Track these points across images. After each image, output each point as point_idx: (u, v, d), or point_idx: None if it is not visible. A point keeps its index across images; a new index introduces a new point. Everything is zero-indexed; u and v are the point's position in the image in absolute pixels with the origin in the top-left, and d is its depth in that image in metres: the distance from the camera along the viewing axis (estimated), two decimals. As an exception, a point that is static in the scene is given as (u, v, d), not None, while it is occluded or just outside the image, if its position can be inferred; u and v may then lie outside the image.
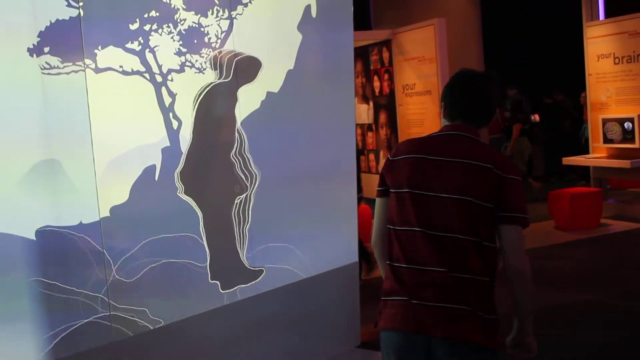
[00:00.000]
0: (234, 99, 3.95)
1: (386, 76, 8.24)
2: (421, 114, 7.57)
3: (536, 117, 13.18)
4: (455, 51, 8.14)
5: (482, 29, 8.78)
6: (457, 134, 2.42)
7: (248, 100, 4.08)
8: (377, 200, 2.47)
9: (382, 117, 8.42)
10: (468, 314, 2.27)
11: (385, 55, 8.23)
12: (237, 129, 4.03)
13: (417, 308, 2.29)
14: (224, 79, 3.90)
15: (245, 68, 3.97)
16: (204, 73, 3.86)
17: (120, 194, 3.53)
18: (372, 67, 8.52)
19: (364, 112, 8.82)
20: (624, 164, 8.45)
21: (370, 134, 8.80)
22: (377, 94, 8.49)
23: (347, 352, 4.21)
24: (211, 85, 3.84)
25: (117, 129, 3.51)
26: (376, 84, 8.48)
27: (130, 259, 3.55)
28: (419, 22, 7.73)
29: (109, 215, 3.46)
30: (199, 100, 3.80)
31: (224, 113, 3.95)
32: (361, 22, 9.55)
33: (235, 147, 4.01)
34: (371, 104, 8.63)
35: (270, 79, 4.22)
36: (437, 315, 2.27)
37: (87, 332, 3.40)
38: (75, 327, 3.35)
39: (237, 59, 3.91)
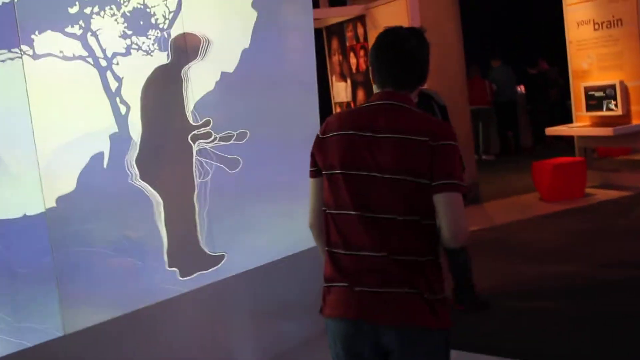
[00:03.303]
0: (179, 80, 3.83)
1: (362, 52, 8.10)
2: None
3: (521, 89, 13.07)
4: (430, 25, 7.99)
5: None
6: (389, 104, 2.25)
7: (201, 81, 3.97)
8: (311, 181, 2.35)
9: (360, 95, 8.28)
10: (413, 296, 2.17)
11: (360, 31, 8.08)
12: (192, 112, 3.92)
13: (360, 295, 2.19)
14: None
15: (184, 47, 3.84)
16: (152, 55, 3.75)
17: (67, 184, 3.43)
18: (347, 44, 8.37)
19: (342, 90, 8.67)
20: (607, 131, 8.33)
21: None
22: (354, 71, 8.35)
23: (316, 336, 4.12)
24: (154, 68, 3.72)
25: (60, 117, 3.41)
26: (352, 60, 8.34)
27: (82, 248, 3.46)
28: (393, -5, 7.58)
29: (55, 205, 3.36)
30: (144, 84, 3.68)
31: (171, 95, 3.83)
32: (334, -2, 9.41)
33: (190, 130, 3.91)
34: (349, 81, 8.50)
35: (224, 59, 4.10)
36: (381, 301, 2.17)
37: (38, 330, 3.31)
38: (21, 325, 3.26)
39: (173, 38, 3.78)
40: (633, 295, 4.96)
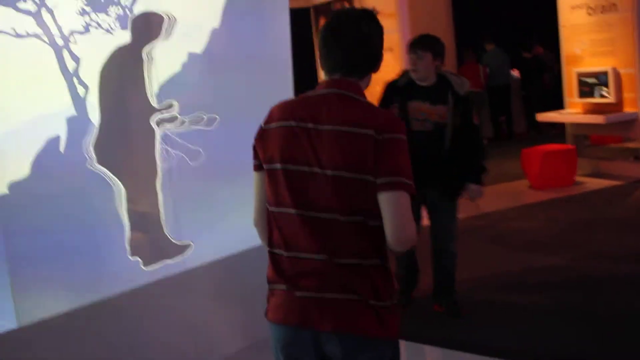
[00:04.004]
0: (140, 61, 3.64)
1: (349, 34, 7.92)
2: (383, 72, 7.22)
3: (516, 73, 12.87)
4: (420, 6, 7.82)
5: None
6: (334, 93, 2.06)
7: (166, 62, 3.79)
8: (254, 174, 2.17)
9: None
10: (356, 303, 2.00)
11: (348, 11, 7.90)
12: (156, 94, 3.74)
13: (300, 300, 2.02)
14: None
15: (145, 26, 3.65)
16: (113, 34, 3.56)
17: (20, 169, 3.25)
18: (335, 25, 8.19)
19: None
20: (599, 119, 8.16)
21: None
22: (341, 52, 8.18)
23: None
24: (114, 48, 3.53)
25: (12, 98, 3.22)
26: (339, 42, 8.18)
27: (36, 237, 3.30)
28: (381, -25, 7.39)
29: (7, 192, 3.20)
30: (102, 65, 3.50)
31: (132, 77, 3.65)
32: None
33: (153, 113, 3.73)
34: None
35: (191, 40, 3.92)
36: (322, 307, 2.00)
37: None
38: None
39: (134, 16, 3.60)
40: (623, 288, 4.81)
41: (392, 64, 7.25)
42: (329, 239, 1.99)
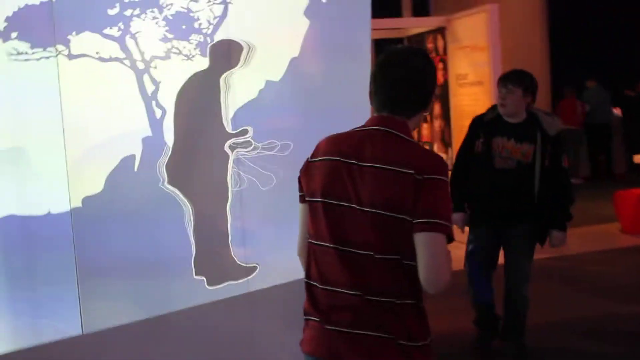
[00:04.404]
0: (217, 87, 3.76)
1: (440, 65, 7.88)
2: (473, 105, 7.17)
3: (617, 111, 12.45)
4: (514, 39, 7.71)
5: (548, 13, 8.22)
6: (380, 130, 2.07)
7: (243, 89, 3.90)
8: (300, 206, 2.22)
9: (437, 108, 8.06)
10: (385, 342, 1.99)
11: (440, 43, 7.87)
12: (231, 120, 3.85)
13: (331, 334, 2.04)
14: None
15: (225, 53, 3.77)
16: (192, 60, 3.70)
17: (94, 184, 3.42)
18: (427, 56, 8.17)
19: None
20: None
21: (425, 125, 8.46)
22: (432, 84, 8.14)
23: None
24: (192, 73, 3.67)
25: (92, 117, 3.40)
26: (431, 73, 8.14)
27: (105, 250, 3.45)
28: (475, 7, 7.34)
29: (80, 205, 3.36)
30: (180, 88, 3.64)
31: (208, 102, 3.77)
32: (418, 8, 9.21)
33: (227, 138, 3.84)
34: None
35: (270, 68, 4.02)
36: (351, 343, 2.01)
37: (56, 328, 3.32)
38: (40, 321, 3.27)
39: (212, 44, 3.72)
40: None
41: (481, 98, 7.17)
42: (363, 275, 2.01)
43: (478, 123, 4.42)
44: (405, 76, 2.09)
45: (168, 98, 3.62)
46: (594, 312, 5.30)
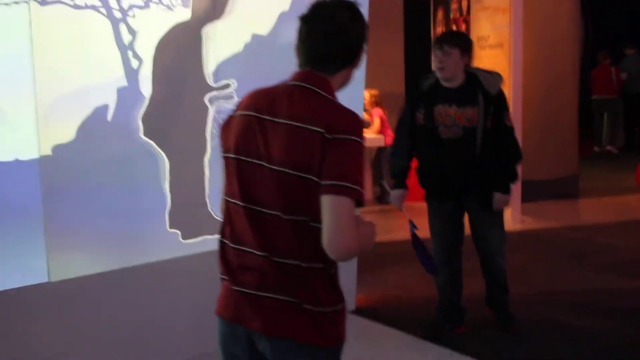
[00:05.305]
0: (198, 39, 3.70)
1: (463, 26, 7.67)
2: (493, 68, 6.96)
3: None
4: (540, 4, 7.45)
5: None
6: (298, 86, 1.97)
7: (229, 41, 3.83)
8: (222, 162, 2.14)
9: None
10: (291, 306, 1.92)
11: (464, 3, 7.64)
12: (212, 73, 3.80)
13: (237, 295, 1.98)
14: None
15: (206, 5, 3.69)
16: (173, 11, 3.64)
17: (65, 133, 3.41)
18: (451, 16, 7.95)
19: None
20: None
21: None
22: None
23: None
24: (173, 25, 3.61)
25: (65, 65, 3.37)
26: (455, 33, 7.93)
27: (74, 199, 3.45)
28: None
29: (50, 154, 3.36)
30: (160, 40, 3.59)
31: (188, 54, 3.71)
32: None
33: (207, 91, 3.79)
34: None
35: (258, 21, 3.94)
36: (256, 306, 1.95)
37: (21, 273, 3.34)
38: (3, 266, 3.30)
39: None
40: None
41: (501, 62, 6.97)
42: (271, 236, 1.93)
43: (415, 94, 4.16)
44: (328, 30, 1.97)
45: (146, 49, 3.57)
46: (601, 287, 5.08)
